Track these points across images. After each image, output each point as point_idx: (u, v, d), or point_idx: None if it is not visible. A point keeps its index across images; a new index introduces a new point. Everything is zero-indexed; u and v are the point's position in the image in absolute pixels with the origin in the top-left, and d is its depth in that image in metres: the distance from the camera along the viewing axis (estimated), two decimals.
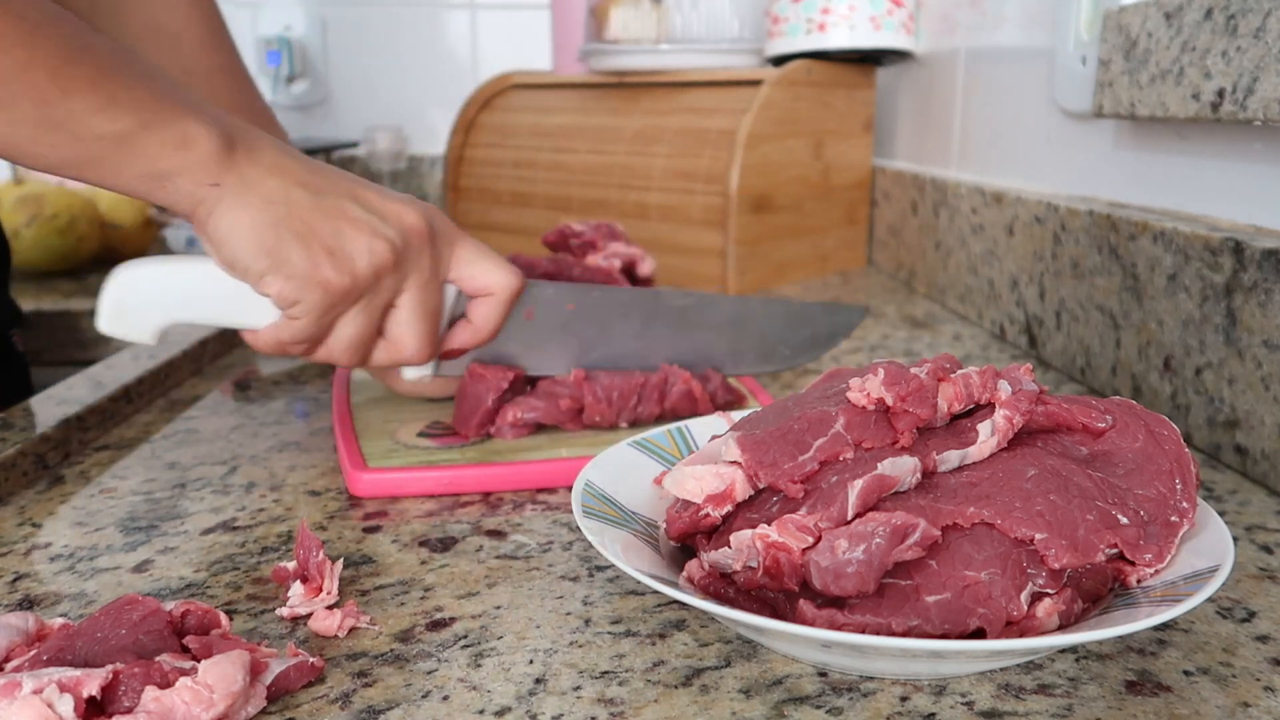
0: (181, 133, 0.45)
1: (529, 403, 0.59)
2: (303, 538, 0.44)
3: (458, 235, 0.55)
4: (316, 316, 0.50)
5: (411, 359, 0.54)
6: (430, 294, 0.53)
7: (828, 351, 0.71)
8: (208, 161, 0.46)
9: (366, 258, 0.49)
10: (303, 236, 0.48)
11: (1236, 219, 0.62)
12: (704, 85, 1.15)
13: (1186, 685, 0.37)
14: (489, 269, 0.55)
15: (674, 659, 0.39)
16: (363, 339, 0.52)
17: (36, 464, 0.58)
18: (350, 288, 0.49)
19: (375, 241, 0.50)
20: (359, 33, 1.67)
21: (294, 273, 0.48)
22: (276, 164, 0.48)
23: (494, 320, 0.57)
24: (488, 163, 1.32)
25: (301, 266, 0.48)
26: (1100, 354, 0.72)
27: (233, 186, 0.47)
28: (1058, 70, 0.83)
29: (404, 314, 0.53)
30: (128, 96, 0.44)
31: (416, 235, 0.52)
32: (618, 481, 0.46)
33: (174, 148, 0.45)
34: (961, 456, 0.40)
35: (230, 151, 0.47)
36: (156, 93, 0.45)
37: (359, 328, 0.52)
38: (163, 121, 0.45)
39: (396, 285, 0.52)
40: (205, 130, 0.46)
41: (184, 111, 0.46)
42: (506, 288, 0.56)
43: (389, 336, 0.54)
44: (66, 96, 0.42)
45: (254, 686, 0.35)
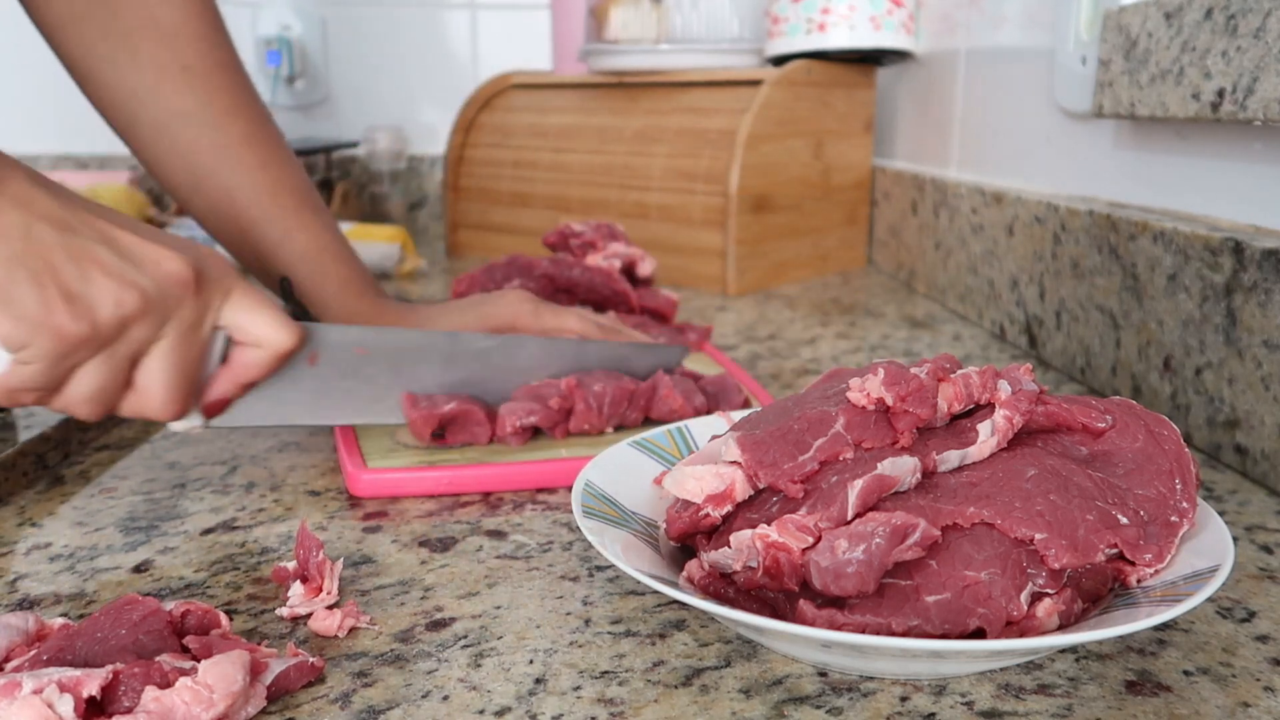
0: None
1: (526, 406, 0.59)
2: (303, 538, 0.44)
3: (235, 283, 0.51)
4: (48, 364, 0.45)
5: (159, 414, 0.50)
6: (188, 346, 0.50)
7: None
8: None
9: (111, 307, 0.46)
10: (38, 276, 0.44)
11: (1236, 219, 0.62)
12: (704, 85, 1.15)
13: (1186, 685, 0.37)
14: (262, 322, 0.52)
15: (674, 659, 0.39)
16: (103, 391, 0.48)
17: (36, 464, 0.58)
18: (89, 336, 0.45)
19: (124, 290, 0.46)
20: (359, 33, 1.67)
21: (23, 314, 0.44)
22: (22, 196, 0.45)
23: (255, 371, 0.53)
24: (488, 163, 1.32)
25: (32, 309, 0.44)
26: (1100, 354, 0.72)
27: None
28: (1058, 70, 0.83)
29: (154, 365, 0.49)
30: None
31: (177, 284, 0.48)
32: (618, 481, 0.46)
33: None
34: (961, 456, 0.40)
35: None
36: None
37: (99, 379, 0.47)
38: None
39: (147, 335, 0.48)
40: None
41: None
42: (277, 344, 0.52)
43: (137, 388, 0.49)
44: None
45: (254, 686, 0.35)
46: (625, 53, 1.17)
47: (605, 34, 1.19)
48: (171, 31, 0.66)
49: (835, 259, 1.24)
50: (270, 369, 0.54)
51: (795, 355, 0.84)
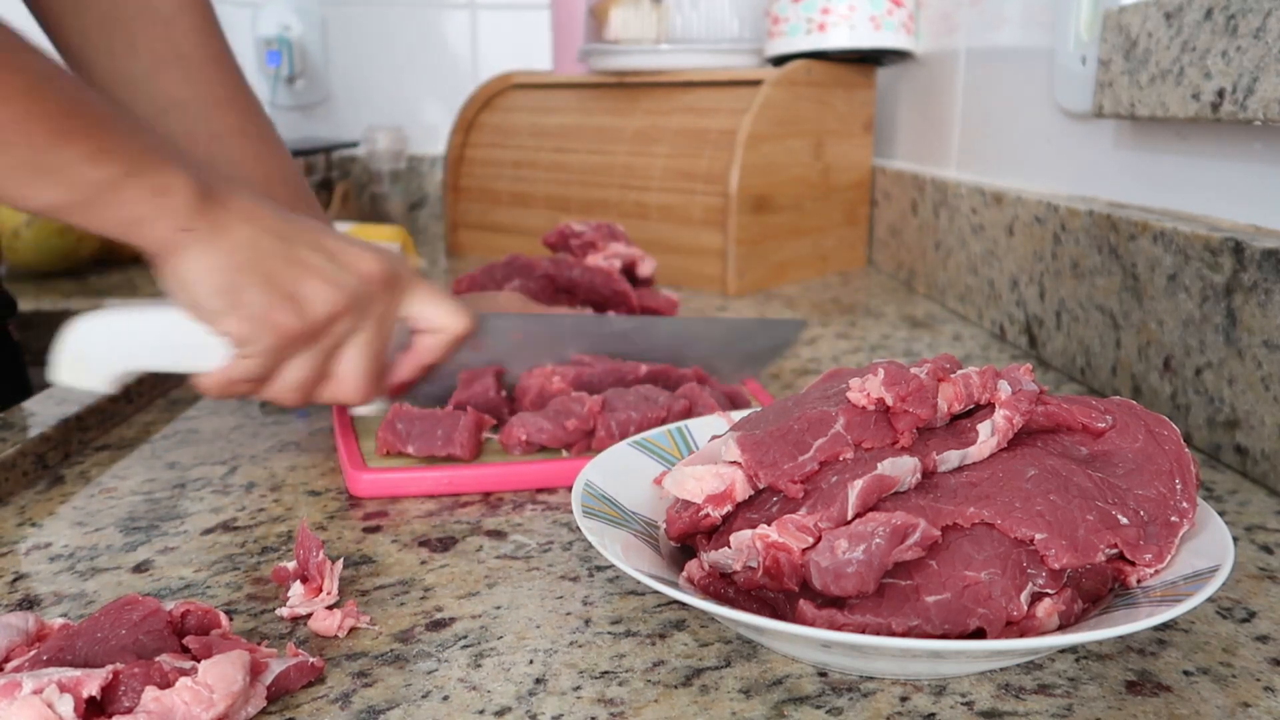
0: (162, 181, 0.47)
1: (537, 423, 0.57)
2: (303, 538, 0.44)
3: (416, 278, 0.58)
4: (268, 358, 0.52)
5: (353, 399, 0.56)
6: (380, 338, 0.55)
7: (770, 365, 0.73)
8: (183, 208, 0.48)
9: (322, 304, 0.51)
10: (264, 281, 0.50)
11: (1236, 219, 0.62)
12: (704, 85, 1.15)
13: (1186, 685, 0.37)
14: (442, 311, 0.58)
15: (674, 659, 0.39)
16: (310, 380, 0.54)
17: (36, 464, 0.58)
18: (303, 332, 0.51)
19: (332, 290, 0.52)
20: (359, 33, 1.67)
21: (251, 314, 0.50)
22: (247, 211, 0.50)
23: (436, 355, 0.59)
24: (488, 163, 1.32)
25: (258, 309, 0.50)
26: (1100, 354, 0.72)
27: (203, 232, 0.49)
28: (1058, 70, 0.83)
29: (351, 355, 0.55)
30: (117, 146, 0.46)
31: (374, 282, 0.54)
32: (618, 481, 0.46)
33: (152, 194, 0.47)
34: (961, 456, 0.40)
35: (205, 199, 0.49)
36: (143, 144, 0.48)
37: (307, 369, 0.53)
38: (146, 169, 0.47)
39: (349, 329, 0.54)
40: (184, 179, 0.48)
41: (166, 161, 0.48)
42: (455, 328, 0.58)
43: (335, 376, 0.55)
44: (62, 144, 0.45)
45: (254, 686, 0.35)
46: (625, 53, 1.17)
47: (605, 34, 1.19)
48: (168, 20, 0.68)
49: (835, 259, 1.24)
50: (448, 352, 0.59)
51: (795, 355, 0.84)
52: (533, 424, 0.57)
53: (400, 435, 0.56)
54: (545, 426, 0.57)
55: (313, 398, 0.55)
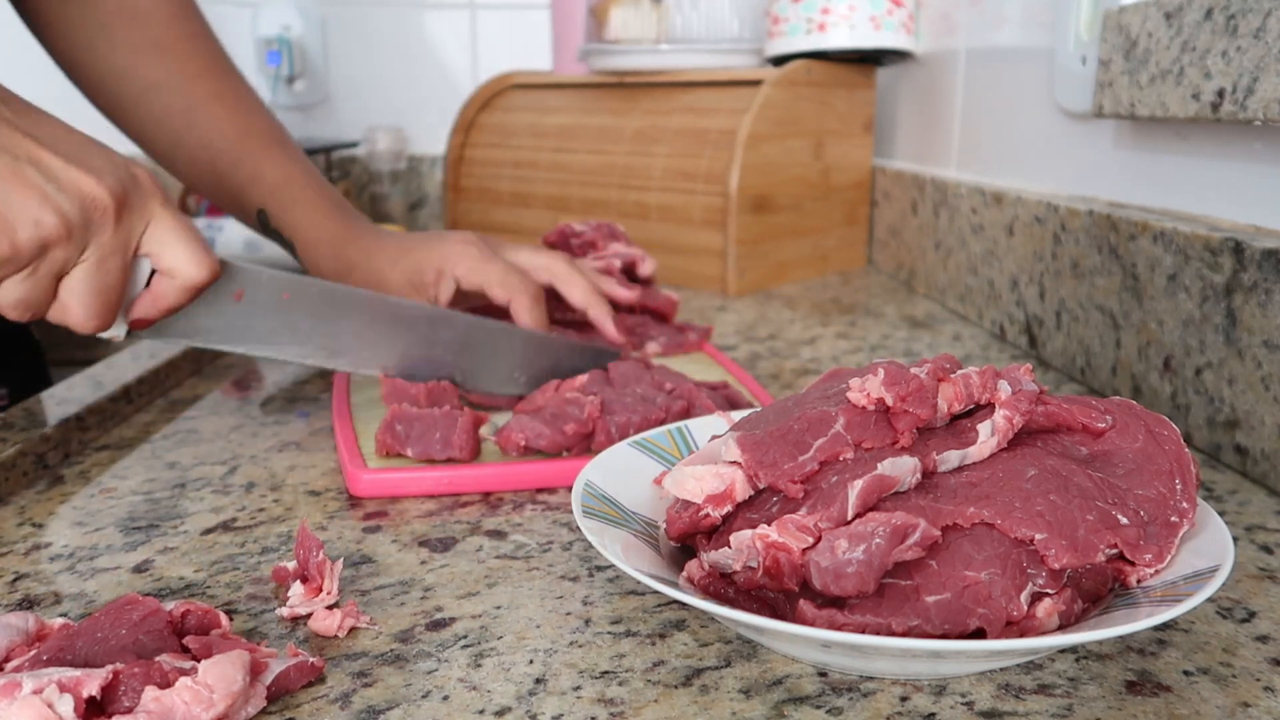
0: None
1: (535, 427, 0.56)
2: (303, 538, 0.44)
3: (159, 210, 0.53)
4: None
5: (80, 327, 0.52)
6: (107, 270, 0.51)
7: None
8: None
9: (31, 229, 0.47)
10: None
11: (1236, 219, 0.62)
12: (704, 85, 1.15)
13: (1186, 685, 0.37)
14: (178, 252, 0.53)
15: (674, 659, 0.39)
16: (27, 301, 0.50)
17: (36, 464, 0.58)
18: (8, 255, 0.47)
19: (44, 212, 0.47)
20: (359, 33, 1.67)
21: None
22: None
23: (170, 301, 0.55)
24: (488, 163, 1.32)
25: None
26: (1100, 354, 0.72)
27: None
28: (1058, 70, 0.83)
29: (75, 284, 0.51)
30: None
31: (97, 209, 0.49)
32: (618, 481, 0.46)
33: None
34: (961, 456, 0.40)
35: None
36: None
37: (23, 291, 0.49)
38: None
39: (68, 256, 0.49)
40: None
41: None
42: (188, 277, 0.54)
43: (60, 301, 0.51)
44: None
45: (254, 686, 0.35)
46: (625, 53, 1.17)
47: (605, 34, 1.19)
48: (143, 14, 0.72)
49: (835, 259, 1.24)
50: (184, 299, 0.55)
51: (795, 355, 0.84)
52: (531, 428, 0.56)
53: (399, 438, 0.56)
54: (543, 431, 0.56)
55: (39, 316, 0.52)
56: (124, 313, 0.55)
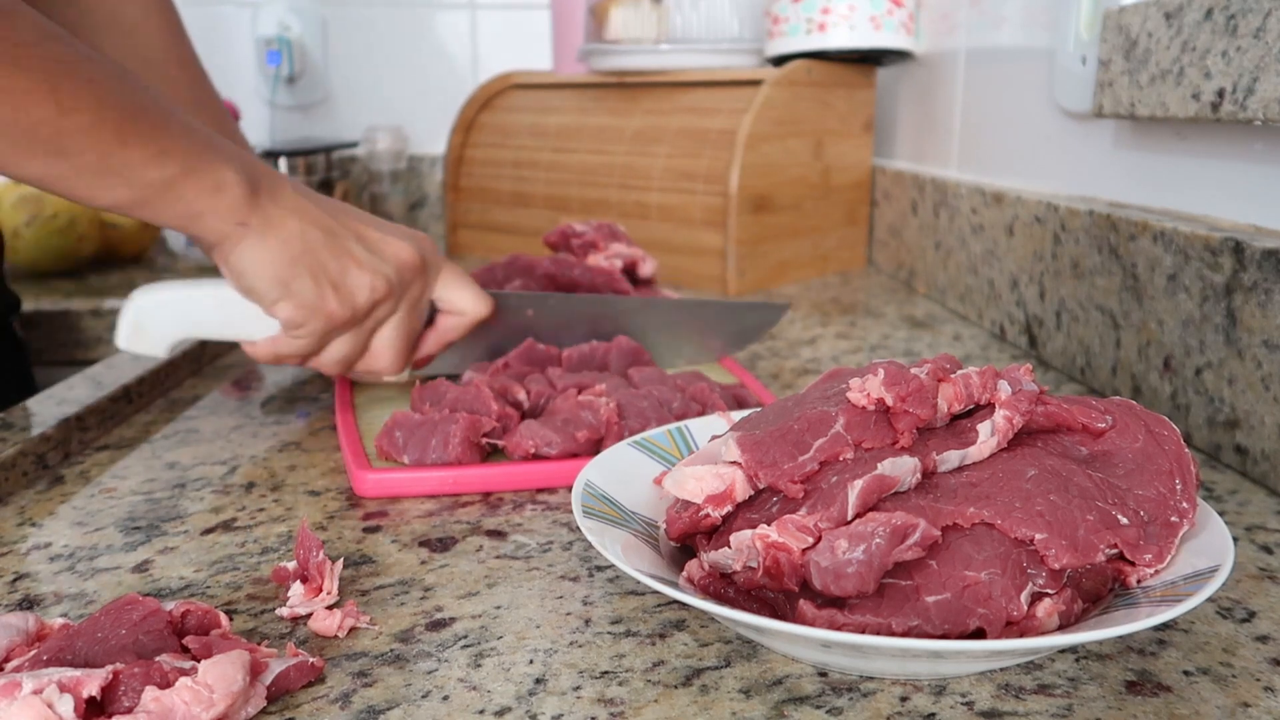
0: (217, 179, 0.52)
1: (545, 435, 0.56)
2: (303, 538, 0.44)
3: (444, 263, 0.64)
4: (316, 339, 0.58)
5: (386, 371, 0.63)
6: (413, 318, 0.62)
7: (758, 341, 0.82)
8: (237, 204, 0.53)
9: (366, 293, 0.58)
10: (314, 271, 0.56)
11: (1236, 219, 0.62)
12: (704, 85, 1.15)
13: (1186, 685, 0.37)
14: (465, 296, 0.65)
15: (674, 659, 0.39)
16: (352, 356, 0.61)
17: (36, 464, 0.58)
18: (350, 318, 0.58)
19: (375, 279, 0.58)
20: (359, 33, 1.67)
21: (304, 302, 0.56)
22: (295, 206, 0.56)
23: (457, 335, 0.66)
24: (488, 163, 1.32)
25: (310, 297, 0.56)
26: (1100, 354, 0.72)
27: (256, 226, 0.54)
28: (1058, 70, 0.83)
29: (388, 334, 0.61)
30: (174, 147, 0.51)
31: (410, 270, 0.60)
32: (618, 481, 0.46)
33: (210, 192, 0.52)
34: (961, 457, 0.40)
35: (256, 195, 0.54)
36: (198, 144, 0.52)
37: (350, 348, 0.60)
38: (201, 168, 0.52)
39: (387, 313, 0.60)
40: (236, 176, 0.53)
41: (220, 160, 0.53)
42: (476, 312, 0.65)
43: (371, 351, 0.61)
44: (125, 149, 0.49)
45: (254, 686, 0.35)
46: (625, 53, 1.17)
47: (605, 34, 1.19)
48: (132, 29, 0.74)
49: (835, 259, 1.24)
50: (466, 332, 0.66)
51: (795, 355, 0.84)
52: (540, 435, 0.56)
53: (397, 445, 0.56)
54: (554, 439, 0.56)
55: (350, 369, 0.62)
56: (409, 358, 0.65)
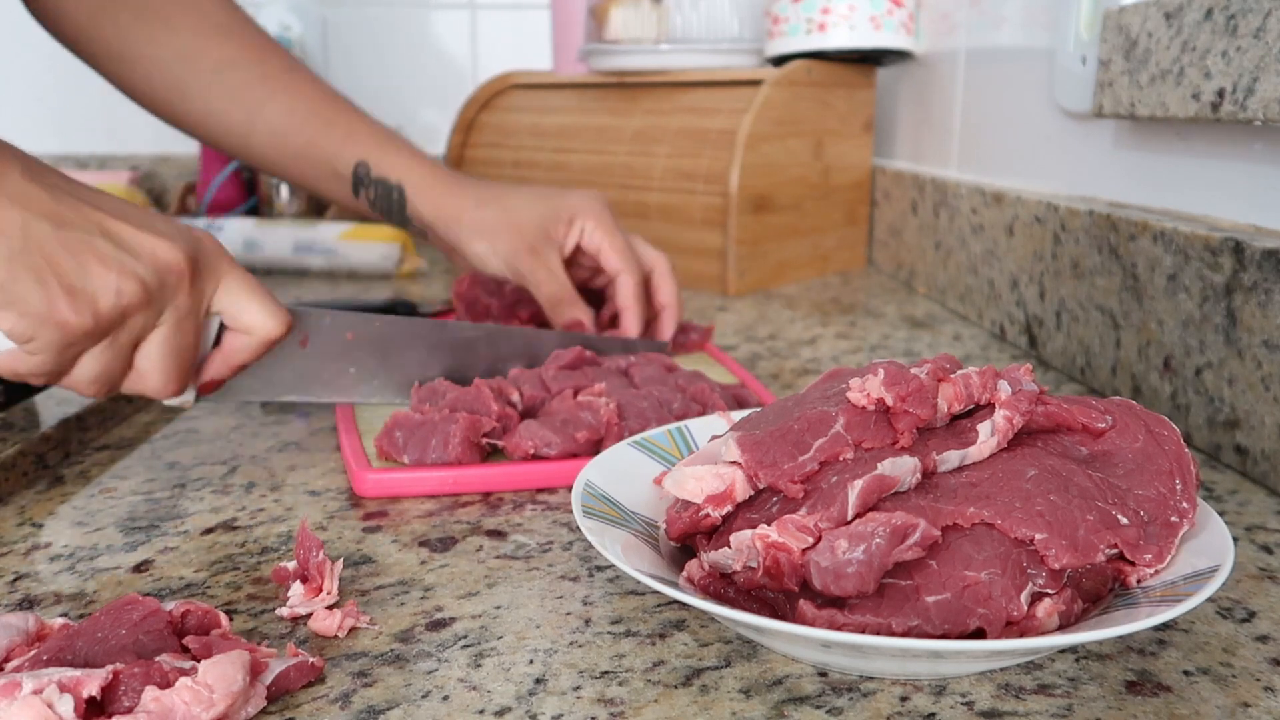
0: None
1: (545, 435, 0.56)
2: (303, 538, 0.44)
3: (227, 269, 0.54)
4: (54, 354, 0.48)
5: (157, 393, 0.53)
6: (183, 332, 0.52)
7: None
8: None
9: (112, 298, 0.48)
10: (39, 273, 0.46)
11: (1236, 219, 0.62)
12: (704, 85, 1.15)
13: (1186, 685, 0.37)
14: (253, 309, 0.55)
15: (674, 659, 0.39)
16: (105, 374, 0.51)
17: (36, 464, 0.58)
18: (91, 328, 0.48)
19: (124, 280, 0.48)
20: (359, 33, 1.67)
21: (27, 310, 0.46)
22: (18, 193, 0.46)
23: (244, 357, 0.57)
24: (488, 163, 1.32)
25: (36, 304, 0.46)
26: (1100, 354, 0.72)
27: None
28: (1058, 70, 0.83)
29: (152, 350, 0.51)
30: None
31: (173, 273, 0.50)
32: (618, 481, 0.46)
33: None
34: (961, 457, 0.40)
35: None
36: None
37: (103, 364, 0.50)
38: None
39: (146, 323, 0.50)
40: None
41: None
42: (265, 332, 0.55)
43: (136, 370, 0.52)
44: None
45: (254, 686, 0.35)
46: (625, 53, 1.17)
47: (605, 34, 1.19)
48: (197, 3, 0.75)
49: (835, 259, 1.24)
50: (258, 354, 0.57)
51: (795, 355, 0.84)
52: (540, 436, 0.55)
53: (397, 445, 0.56)
54: (554, 439, 0.55)
55: (114, 390, 0.52)
56: (193, 379, 0.56)
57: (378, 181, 0.77)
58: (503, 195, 0.77)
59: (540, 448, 0.55)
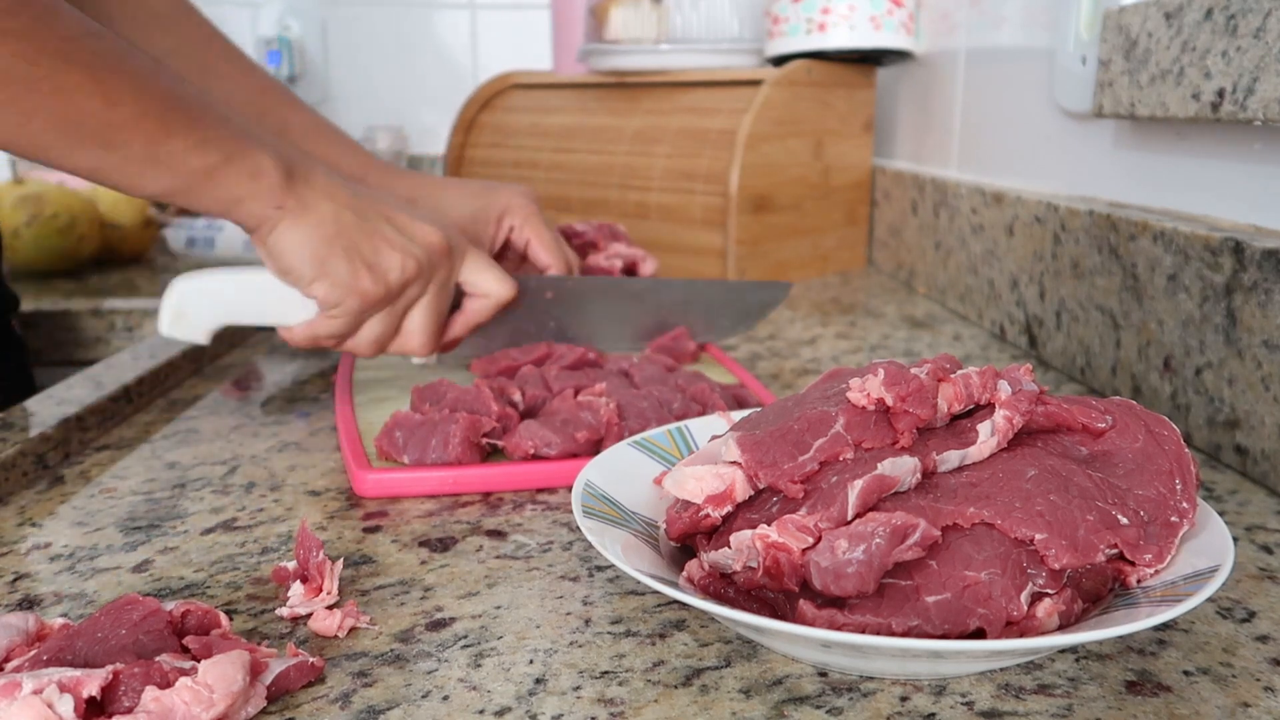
0: (255, 165, 0.55)
1: (545, 435, 0.56)
2: (303, 538, 0.44)
3: (469, 247, 0.66)
4: (351, 318, 0.60)
5: (418, 351, 0.64)
6: (442, 299, 0.64)
7: (762, 319, 0.85)
8: (274, 188, 0.55)
9: (398, 272, 0.59)
10: (348, 252, 0.58)
11: (1236, 219, 0.62)
12: (704, 85, 1.15)
13: (1186, 685, 0.37)
14: (490, 278, 0.66)
15: (674, 659, 0.39)
16: (385, 336, 0.62)
17: (36, 464, 0.58)
18: (383, 296, 0.60)
19: (406, 259, 0.60)
20: (359, 33, 1.67)
21: (339, 281, 0.58)
22: (327, 189, 0.58)
23: (484, 317, 0.68)
24: (488, 163, 1.32)
25: (345, 277, 0.58)
26: (1100, 354, 0.72)
27: (292, 208, 0.56)
28: (1058, 70, 0.83)
29: (419, 315, 0.63)
30: (214, 136, 0.53)
31: (438, 252, 0.62)
32: (618, 481, 0.46)
33: (248, 178, 0.55)
34: (961, 457, 0.40)
35: (291, 179, 0.56)
36: (235, 132, 0.54)
37: (384, 328, 0.62)
38: (240, 156, 0.54)
39: (418, 293, 0.62)
40: (273, 162, 0.55)
41: (257, 147, 0.55)
42: (501, 295, 0.67)
43: (403, 332, 0.63)
44: (170, 138, 0.51)
45: (254, 686, 0.35)
46: (625, 53, 1.17)
47: (605, 34, 1.19)
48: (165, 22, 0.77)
49: (835, 259, 1.24)
50: (492, 315, 0.68)
51: (795, 355, 0.84)
52: (540, 436, 0.56)
53: (397, 445, 0.56)
54: (554, 439, 0.55)
55: (383, 350, 0.63)
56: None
57: None
58: (433, 193, 0.79)
59: (540, 448, 0.55)
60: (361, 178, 0.78)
